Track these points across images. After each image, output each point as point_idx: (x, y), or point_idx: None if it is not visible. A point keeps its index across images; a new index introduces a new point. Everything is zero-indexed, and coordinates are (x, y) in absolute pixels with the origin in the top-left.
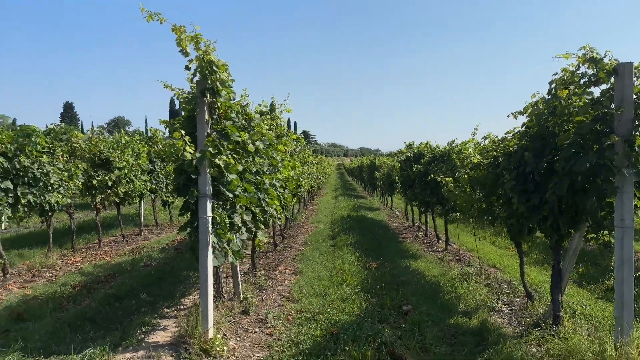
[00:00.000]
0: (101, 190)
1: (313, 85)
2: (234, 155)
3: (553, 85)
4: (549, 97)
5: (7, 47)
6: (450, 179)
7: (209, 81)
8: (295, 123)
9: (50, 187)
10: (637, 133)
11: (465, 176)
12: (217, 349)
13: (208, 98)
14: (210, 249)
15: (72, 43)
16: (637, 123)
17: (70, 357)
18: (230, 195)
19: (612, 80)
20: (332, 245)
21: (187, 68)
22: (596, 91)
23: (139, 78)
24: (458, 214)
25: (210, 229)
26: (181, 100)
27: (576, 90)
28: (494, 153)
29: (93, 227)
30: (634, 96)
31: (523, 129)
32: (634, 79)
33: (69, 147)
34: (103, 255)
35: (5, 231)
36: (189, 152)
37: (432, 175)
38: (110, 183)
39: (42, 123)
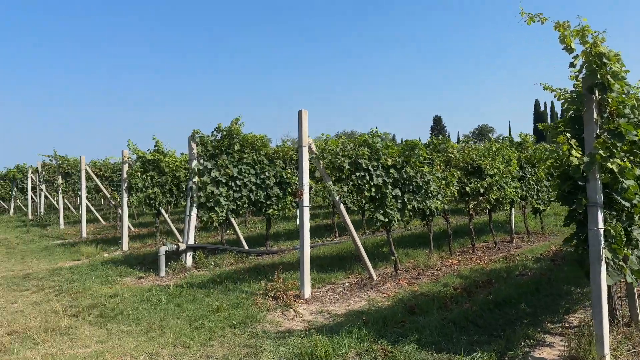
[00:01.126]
0: (474, 197)
1: None
2: (631, 157)
3: None
4: None
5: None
6: None
7: (598, 76)
8: None
9: (430, 194)
10: None
11: None
12: None
13: (596, 95)
14: (603, 265)
15: (446, 61)
16: None
17: (459, 357)
18: (627, 204)
19: None
20: None
21: (572, 65)
22: None
23: (501, 85)
24: None
25: (602, 242)
26: (562, 101)
27: None
28: None
29: (465, 232)
30: None
31: None
32: None
33: (444, 157)
34: (477, 260)
35: (392, 232)
36: (575, 157)
37: None
38: (482, 190)
39: (414, 136)
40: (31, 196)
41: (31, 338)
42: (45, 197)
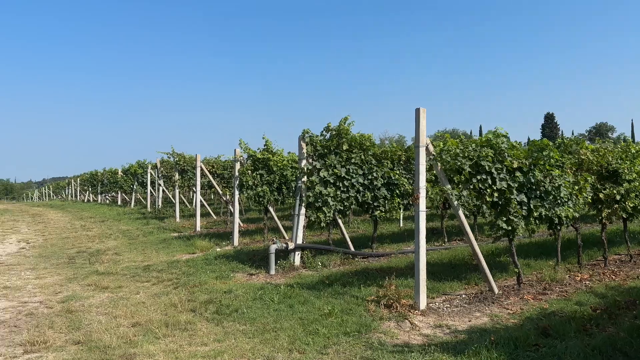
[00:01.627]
0: (608, 204)
1: None
2: None
3: None
4: None
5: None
6: None
7: None
8: None
9: (559, 201)
10: None
11: None
12: None
13: None
14: None
15: (552, 55)
16: None
17: None
18: None
19: None
20: None
21: None
22: None
23: (621, 79)
24: None
25: None
26: None
27: None
28: None
29: (593, 242)
30: None
31: None
32: None
33: (576, 160)
34: (611, 276)
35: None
36: None
37: None
38: (618, 197)
39: (522, 134)
40: (150, 190)
41: (153, 331)
42: (163, 191)
